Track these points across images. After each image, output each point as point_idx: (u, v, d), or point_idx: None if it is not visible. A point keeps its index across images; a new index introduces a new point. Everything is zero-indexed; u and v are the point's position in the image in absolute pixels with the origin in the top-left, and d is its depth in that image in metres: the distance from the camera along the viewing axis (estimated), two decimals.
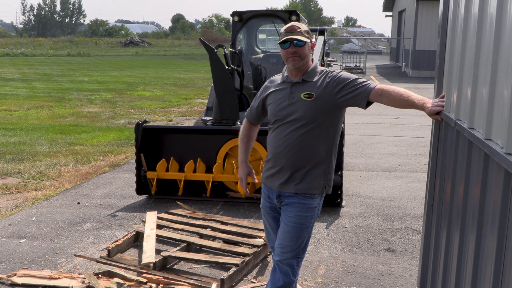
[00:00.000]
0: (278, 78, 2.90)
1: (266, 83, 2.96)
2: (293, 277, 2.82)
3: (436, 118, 2.63)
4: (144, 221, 4.75)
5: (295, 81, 2.75)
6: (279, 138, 2.75)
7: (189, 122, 11.26)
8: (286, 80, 2.79)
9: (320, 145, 2.72)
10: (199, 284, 3.63)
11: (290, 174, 2.73)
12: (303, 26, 2.73)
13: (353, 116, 11.63)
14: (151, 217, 4.75)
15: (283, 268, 2.80)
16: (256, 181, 3.06)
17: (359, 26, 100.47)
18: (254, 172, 3.09)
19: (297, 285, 3.31)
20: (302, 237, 2.77)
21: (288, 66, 2.76)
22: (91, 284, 3.52)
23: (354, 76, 2.73)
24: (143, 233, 4.45)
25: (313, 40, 2.89)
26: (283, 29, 2.74)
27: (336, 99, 2.69)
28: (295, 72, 2.75)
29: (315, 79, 2.74)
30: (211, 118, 6.10)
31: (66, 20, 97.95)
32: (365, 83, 2.69)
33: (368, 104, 2.69)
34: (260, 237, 4.31)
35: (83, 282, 3.60)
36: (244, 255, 3.99)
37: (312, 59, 2.82)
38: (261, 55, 8.25)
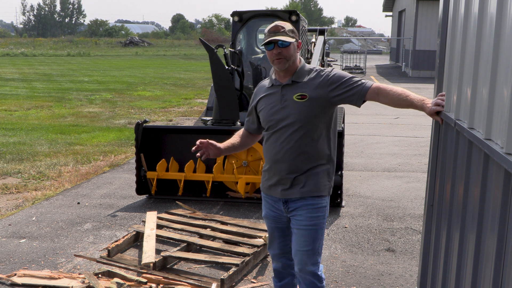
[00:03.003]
0: (266, 82, 2.78)
1: (255, 89, 2.84)
2: (320, 283, 2.70)
3: (437, 119, 2.54)
4: (144, 221, 4.74)
5: (285, 83, 2.64)
6: (277, 144, 2.64)
7: (189, 122, 11.26)
8: (275, 83, 2.67)
9: (320, 146, 2.65)
10: (199, 284, 3.63)
11: (292, 179, 2.64)
12: (288, 25, 2.62)
13: (353, 116, 11.63)
14: (151, 217, 4.75)
15: (307, 280, 2.67)
16: (216, 144, 2.75)
17: (359, 26, 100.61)
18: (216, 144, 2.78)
19: (297, 285, 3.30)
20: (318, 239, 2.66)
21: (275, 68, 2.66)
22: (91, 284, 3.52)
23: (348, 75, 2.64)
24: (143, 233, 4.45)
25: (301, 39, 2.80)
26: (266, 29, 2.63)
27: (330, 98, 2.60)
28: (283, 73, 2.64)
29: (306, 79, 2.63)
30: (211, 118, 6.10)
31: (66, 20, 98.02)
32: (360, 82, 2.60)
33: (362, 102, 2.62)
34: (260, 237, 4.31)
35: (83, 282, 3.60)
36: (244, 255, 3.99)
37: (300, 59, 2.71)
38: (261, 55, 8.24)
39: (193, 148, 2.79)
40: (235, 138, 2.93)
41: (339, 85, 2.60)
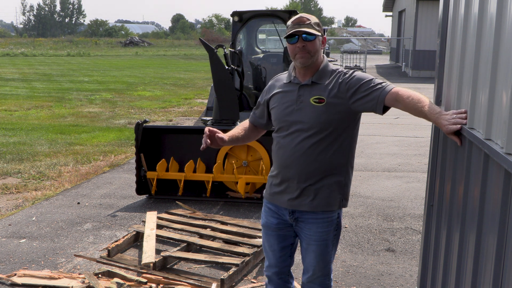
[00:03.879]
0: (284, 77, 2.55)
1: (271, 81, 2.62)
2: None
3: (454, 140, 2.21)
4: (144, 221, 4.74)
5: (303, 83, 2.41)
6: (288, 149, 2.42)
7: (189, 122, 11.26)
8: (294, 81, 2.45)
9: (334, 155, 2.41)
10: (199, 284, 3.63)
11: (302, 188, 2.43)
12: (313, 18, 2.39)
13: None
14: (151, 217, 4.75)
15: None
16: (223, 136, 2.57)
17: (359, 26, 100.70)
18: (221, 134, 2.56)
19: (296, 284, 3.30)
20: (329, 252, 2.53)
21: (296, 64, 2.42)
22: (91, 284, 3.52)
23: (369, 77, 2.39)
24: (143, 233, 4.45)
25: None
26: (290, 21, 2.39)
27: (350, 104, 2.36)
28: (304, 71, 2.41)
29: (327, 81, 2.39)
30: (211, 118, 6.10)
31: (66, 20, 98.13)
32: (380, 85, 2.35)
33: (385, 109, 2.35)
34: (260, 237, 4.31)
35: (83, 282, 3.60)
36: (244, 255, 3.99)
37: (323, 56, 2.48)
38: (261, 55, 8.25)
39: (204, 137, 2.51)
40: (238, 131, 2.72)
41: (357, 88, 2.35)
